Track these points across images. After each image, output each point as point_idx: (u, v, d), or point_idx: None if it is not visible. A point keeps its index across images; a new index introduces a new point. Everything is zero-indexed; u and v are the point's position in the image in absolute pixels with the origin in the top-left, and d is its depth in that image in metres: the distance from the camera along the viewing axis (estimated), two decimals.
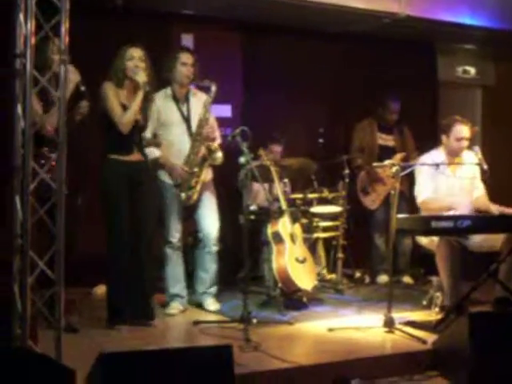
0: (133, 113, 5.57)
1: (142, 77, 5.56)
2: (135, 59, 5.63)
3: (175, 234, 6.16)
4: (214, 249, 6.26)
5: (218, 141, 6.25)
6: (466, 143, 6.16)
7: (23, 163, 4.25)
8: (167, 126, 6.13)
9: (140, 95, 5.58)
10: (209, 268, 6.29)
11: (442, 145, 6.25)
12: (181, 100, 6.20)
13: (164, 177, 6.15)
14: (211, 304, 6.27)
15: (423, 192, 6.14)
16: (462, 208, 5.83)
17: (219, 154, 6.10)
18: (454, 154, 6.21)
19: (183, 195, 6.04)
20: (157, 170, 6.12)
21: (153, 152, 6.03)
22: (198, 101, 6.19)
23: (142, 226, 5.73)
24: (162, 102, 6.12)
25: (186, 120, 6.16)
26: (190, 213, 6.25)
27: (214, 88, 6.10)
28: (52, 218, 4.38)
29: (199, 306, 6.29)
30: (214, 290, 6.35)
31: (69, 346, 4.46)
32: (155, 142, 6.05)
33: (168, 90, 6.21)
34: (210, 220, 6.25)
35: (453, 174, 6.23)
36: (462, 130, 6.14)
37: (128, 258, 5.62)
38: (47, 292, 4.43)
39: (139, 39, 5.84)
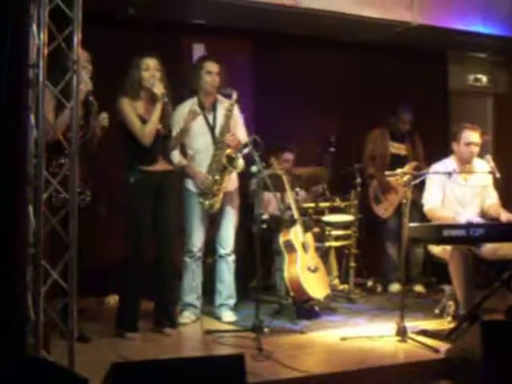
0: (153, 124, 5.61)
1: (159, 88, 5.59)
2: (151, 69, 5.65)
3: (197, 243, 6.16)
4: (230, 260, 6.27)
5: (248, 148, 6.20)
6: (475, 149, 6.16)
7: (36, 172, 4.27)
8: (193, 135, 6.12)
9: (159, 107, 5.60)
10: (225, 279, 6.29)
11: (454, 153, 6.25)
12: (207, 109, 6.21)
13: (189, 185, 6.16)
14: (228, 316, 6.24)
15: (430, 200, 6.15)
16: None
17: (240, 162, 6.06)
18: (464, 161, 6.21)
19: (206, 203, 6.05)
20: (183, 178, 6.15)
21: (180, 160, 6.07)
22: (224, 109, 6.20)
23: (165, 235, 5.77)
24: (189, 111, 6.09)
25: (212, 129, 6.17)
26: (211, 222, 6.27)
27: (234, 96, 6.09)
28: (65, 228, 4.39)
29: (217, 318, 6.27)
30: (231, 301, 6.35)
31: (81, 355, 4.47)
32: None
33: (194, 99, 6.21)
34: (229, 231, 6.27)
35: (465, 183, 6.23)
36: (470, 135, 6.15)
37: (142, 265, 5.64)
38: (60, 301, 4.44)
39: (150, 49, 5.86)
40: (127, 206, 5.73)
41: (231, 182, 6.25)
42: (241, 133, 6.28)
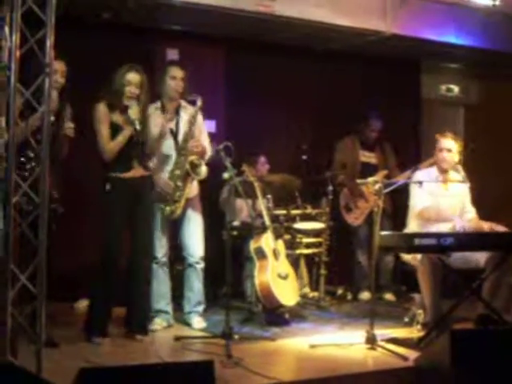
0: (118, 145, 5.60)
1: (134, 113, 5.58)
2: (132, 85, 5.64)
3: (160, 249, 6.12)
4: (199, 267, 6.24)
5: (209, 153, 6.20)
6: (450, 155, 6.21)
7: (6, 176, 4.23)
8: (155, 140, 6.10)
9: (128, 131, 5.59)
10: (194, 287, 6.26)
11: (436, 162, 6.34)
12: (170, 114, 6.19)
13: None
14: (198, 323, 6.21)
15: (420, 202, 6.17)
16: (461, 223, 5.87)
17: (203, 169, 6.05)
18: (441, 169, 6.28)
19: (167, 209, 6.01)
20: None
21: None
22: (188, 115, 6.18)
23: (142, 241, 5.77)
24: (152, 116, 6.07)
25: (174, 135, 6.13)
26: (175, 229, 6.24)
27: (199, 102, 6.09)
28: (35, 232, 4.36)
29: (187, 324, 6.23)
30: (200, 308, 6.32)
31: (49, 360, 4.44)
32: None
33: (158, 104, 6.19)
34: (194, 239, 6.22)
35: (445, 192, 6.29)
36: (443, 142, 6.25)
37: (115, 272, 5.63)
38: (28, 306, 4.40)
39: (124, 54, 5.84)
40: (103, 213, 5.70)
41: (192, 188, 6.21)
42: (204, 140, 6.26)
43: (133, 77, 5.65)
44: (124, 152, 5.63)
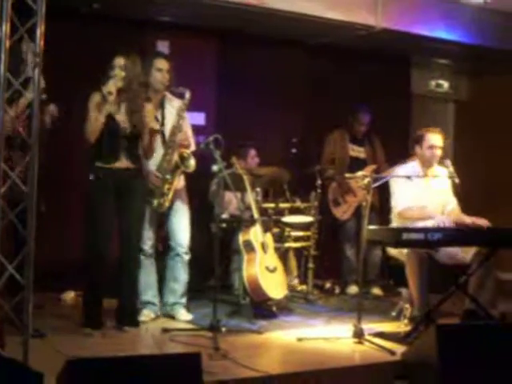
0: (95, 122, 5.52)
1: (108, 87, 5.52)
2: (116, 68, 5.60)
3: (147, 241, 6.11)
4: (186, 258, 6.22)
5: (193, 148, 6.22)
6: (438, 151, 6.21)
7: None
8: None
9: (105, 107, 5.53)
10: (180, 278, 6.25)
11: (417, 156, 6.29)
12: (155, 106, 6.14)
13: None
14: (183, 315, 6.19)
15: (402, 201, 6.14)
16: (439, 218, 5.85)
17: (192, 162, 6.04)
18: (427, 165, 6.24)
19: (155, 202, 6.00)
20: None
21: None
22: (173, 108, 6.15)
23: (129, 233, 5.75)
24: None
25: (160, 127, 6.12)
26: (162, 221, 6.23)
27: (187, 95, 6.07)
28: (22, 222, 4.34)
29: (171, 317, 6.21)
30: (184, 300, 6.30)
31: (36, 351, 4.43)
32: None
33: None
34: (181, 229, 6.21)
35: (426, 187, 6.27)
36: (434, 138, 6.21)
37: (104, 262, 5.62)
38: (15, 297, 4.40)
39: (114, 45, 5.82)
40: (86, 203, 5.69)
41: (179, 180, 6.20)
42: (188, 131, 6.25)
43: (118, 60, 5.60)
44: (108, 142, 5.59)
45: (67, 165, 6.85)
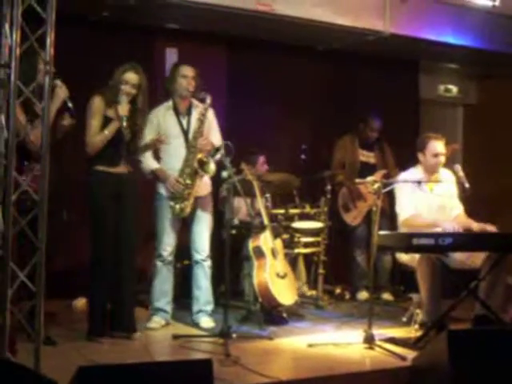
0: (102, 139, 5.60)
1: (122, 110, 5.62)
2: (128, 85, 5.65)
3: (167, 247, 6.14)
4: (205, 265, 6.25)
5: (217, 143, 6.17)
6: (442, 158, 6.20)
7: (5, 174, 4.23)
8: (167, 138, 6.07)
9: (114, 126, 5.61)
10: (201, 285, 6.26)
11: (420, 163, 6.29)
12: (182, 113, 6.20)
13: (161, 189, 6.15)
14: (205, 322, 6.18)
15: (406, 209, 6.15)
16: (446, 225, 5.84)
17: (211, 166, 6.03)
18: (431, 171, 6.24)
19: (177, 207, 6.03)
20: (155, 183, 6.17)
21: (152, 164, 6.09)
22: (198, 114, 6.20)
23: (125, 239, 5.75)
24: (163, 115, 6.14)
25: (185, 133, 6.15)
26: (184, 227, 6.26)
27: (208, 100, 6.09)
28: (34, 230, 4.36)
29: (195, 325, 6.19)
30: (209, 307, 6.30)
31: (47, 358, 4.44)
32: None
33: (169, 103, 6.21)
34: (201, 237, 6.24)
35: (431, 192, 6.26)
36: (437, 146, 6.20)
37: (110, 271, 5.63)
38: (27, 304, 4.41)
39: (124, 52, 5.84)
40: (90, 207, 5.70)
41: (204, 186, 6.23)
42: (215, 137, 6.25)
43: (130, 77, 5.67)
44: (111, 148, 5.64)
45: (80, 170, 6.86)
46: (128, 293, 5.79)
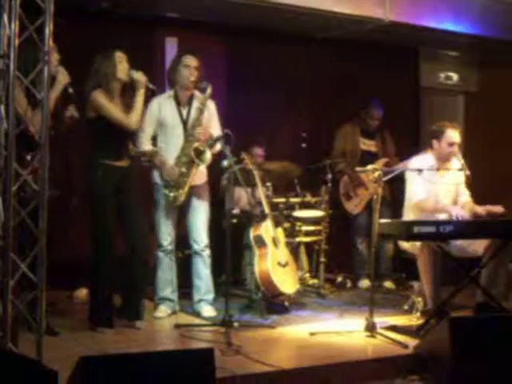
0: (139, 112, 5.64)
1: (140, 75, 5.62)
2: (123, 61, 5.63)
3: (167, 237, 6.15)
4: (204, 254, 6.25)
5: (217, 133, 6.16)
6: (457, 148, 6.17)
7: (6, 164, 4.23)
8: (166, 127, 6.10)
9: (142, 93, 5.63)
10: (201, 274, 6.27)
11: (432, 150, 6.24)
12: (182, 103, 6.18)
13: (156, 178, 6.14)
14: (207, 311, 6.19)
15: (417, 193, 6.09)
16: (455, 211, 5.83)
17: (207, 156, 6.02)
18: (444, 160, 6.20)
19: (171, 195, 6.01)
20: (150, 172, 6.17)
21: (146, 146, 6.08)
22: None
23: (132, 229, 5.74)
24: (163, 103, 6.12)
25: (184, 123, 6.13)
26: (182, 217, 6.26)
27: (209, 90, 6.05)
28: (34, 220, 4.35)
29: (196, 314, 6.21)
30: (210, 296, 6.31)
31: (49, 349, 4.45)
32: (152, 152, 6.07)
33: (171, 92, 6.20)
34: (198, 226, 6.23)
35: (440, 179, 6.24)
36: (454, 135, 6.15)
37: (111, 260, 5.63)
38: (28, 294, 4.41)
39: (123, 42, 5.83)
40: (92, 200, 5.69)
41: (200, 176, 6.21)
42: (215, 129, 6.24)
43: (121, 54, 5.65)
44: (119, 140, 5.65)
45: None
46: (137, 283, 5.79)
